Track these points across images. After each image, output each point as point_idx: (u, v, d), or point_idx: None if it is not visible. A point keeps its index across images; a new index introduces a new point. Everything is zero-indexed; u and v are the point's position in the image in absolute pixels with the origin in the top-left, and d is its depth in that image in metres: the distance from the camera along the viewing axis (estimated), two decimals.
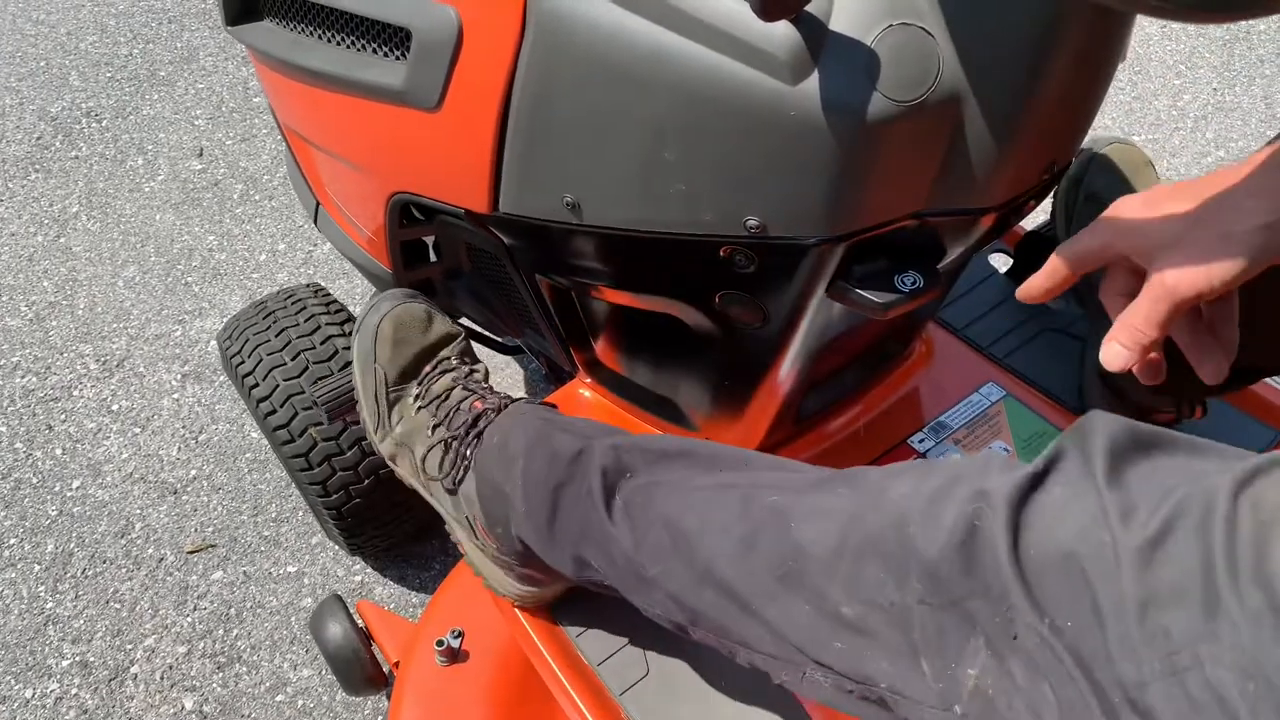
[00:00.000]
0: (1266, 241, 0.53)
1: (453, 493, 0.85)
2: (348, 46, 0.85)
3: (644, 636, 0.89)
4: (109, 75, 2.33)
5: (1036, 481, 0.51)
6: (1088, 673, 0.46)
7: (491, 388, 0.90)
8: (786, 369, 0.84)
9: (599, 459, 0.73)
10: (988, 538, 0.50)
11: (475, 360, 0.94)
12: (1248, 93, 2.27)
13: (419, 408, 0.88)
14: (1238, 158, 2.06)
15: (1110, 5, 0.43)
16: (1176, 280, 0.55)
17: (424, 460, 0.86)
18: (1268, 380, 1.07)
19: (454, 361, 0.91)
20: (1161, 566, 0.44)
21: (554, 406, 0.87)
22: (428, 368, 0.91)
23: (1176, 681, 0.42)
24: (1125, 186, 1.10)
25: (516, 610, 0.91)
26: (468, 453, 0.83)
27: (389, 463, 0.93)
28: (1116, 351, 0.60)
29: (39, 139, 2.17)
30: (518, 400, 0.88)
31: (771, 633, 0.60)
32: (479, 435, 0.83)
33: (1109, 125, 2.17)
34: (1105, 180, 1.11)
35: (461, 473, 0.83)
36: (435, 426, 0.86)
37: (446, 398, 0.87)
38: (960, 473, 0.55)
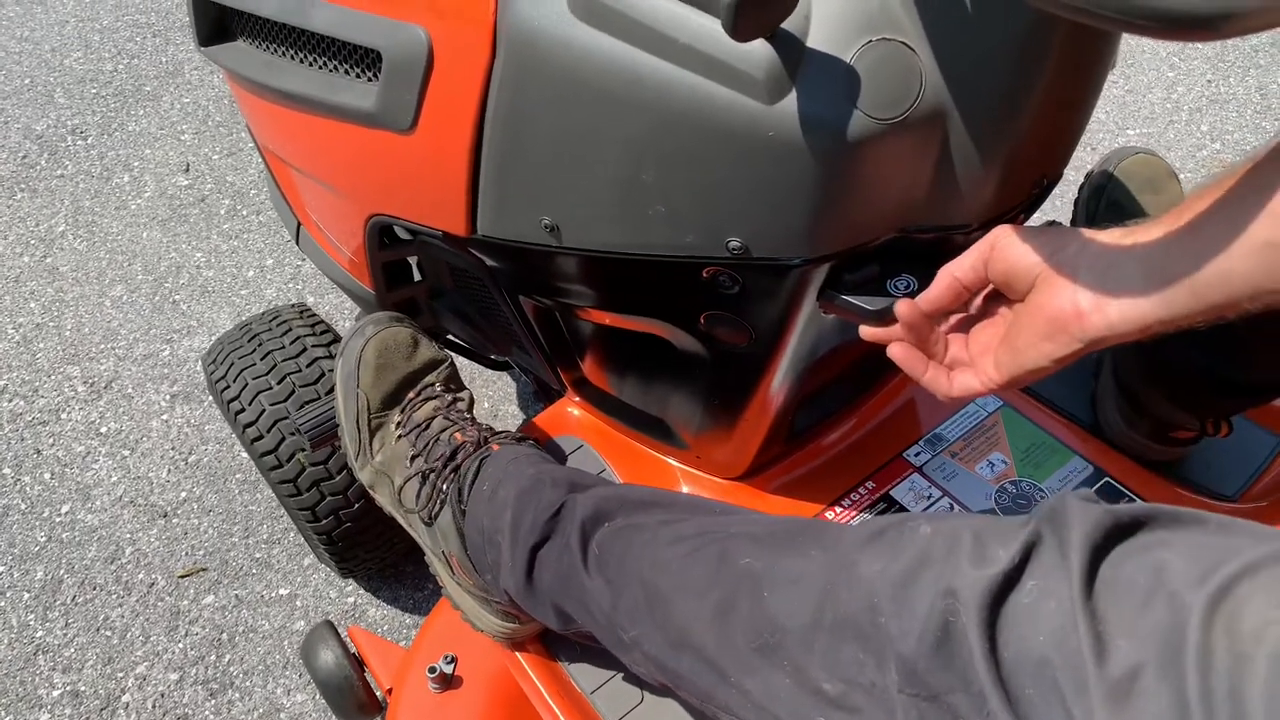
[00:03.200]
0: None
1: (429, 525, 0.83)
2: (319, 68, 0.83)
3: None
4: (94, 91, 2.32)
5: (1010, 582, 0.49)
6: None
7: (473, 419, 0.88)
8: (776, 387, 0.83)
9: (579, 511, 0.73)
10: (962, 638, 0.49)
11: (460, 387, 0.92)
12: (1242, 84, 2.25)
13: (399, 435, 0.86)
14: (1233, 149, 2.04)
15: (1095, 25, 0.41)
16: (1098, 315, 0.52)
17: (401, 491, 0.85)
18: None
19: (438, 388, 0.89)
20: (1134, 708, 0.42)
21: (538, 444, 0.85)
22: (411, 394, 0.89)
23: None
24: (1147, 198, 1.09)
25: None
26: (444, 487, 0.82)
27: (369, 490, 0.91)
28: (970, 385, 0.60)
29: (24, 158, 2.15)
30: (501, 434, 0.86)
31: (753, 703, 0.59)
32: (456, 469, 0.82)
33: (1103, 120, 2.15)
34: (1128, 191, 1.09)
35: (438, 506, 0.82)
36: (414, 457, 0.84)
37: (427, 427, 0.86)
38: (929, 554, 0.53)
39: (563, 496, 0.75)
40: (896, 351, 0.63)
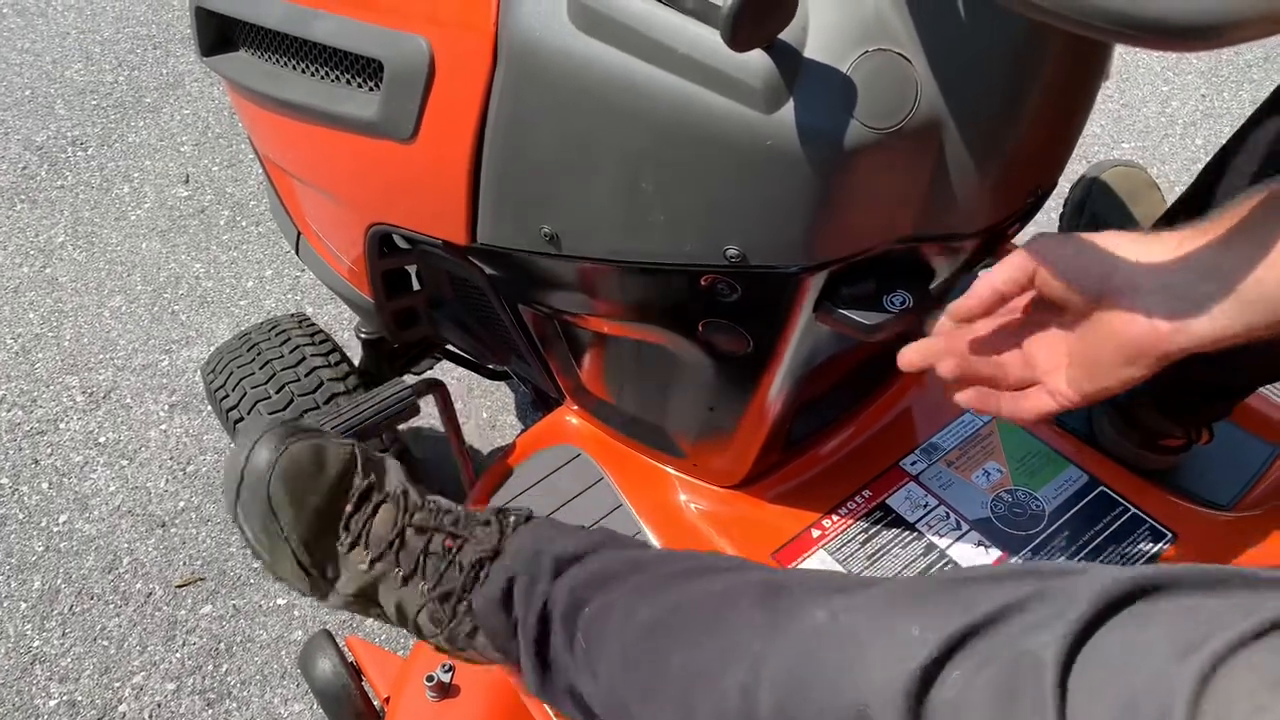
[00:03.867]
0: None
1: (451, 647, 0.77)
2: (321, 78, 0.83)
3: None
4: (94, 103, 2.33)
5: (930, 676, 0.45)
6: None
7: (435, 502, 0.79)
8: (774, 395, 0.83)
9: (559, 606, 0.70)
10: None
11: (383, 466, 0.81)
12: (1236, 98, 2.27)
13: (371, 560, 0.76)
14: None
15: (1088, 35, 0.42)
16: (1172, 330, 0.50)
17: (412, 621, 0.77)
18: (1268, 396, 1.06)
19: (375, 491, 0.78)
20: None
21: (519, 515, 0.79)
22: (348, 507, 0.77)
23: None
24: (1128, 209, 1.10)
25: None
26: (462, 608, 0.75)
27: (348, 611, 0.82)
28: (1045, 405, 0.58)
29: (24, 169, 2.16)
30: (484, 520, 0.78)
31: None
32: (467, 587, 0.75)
33: (1098, 134, 2.17)
34: (1108, 203, 1.10)
35: (468, 625, 0.75)
36: (407, 578, 0.76)
37: (402, 542, 0.76)
38: (821, 652, 0.52)
39: (549, 587, 0.71)
40: (966, 397, 0.62)
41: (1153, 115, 2.22)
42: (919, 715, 0.45)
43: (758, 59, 0.56)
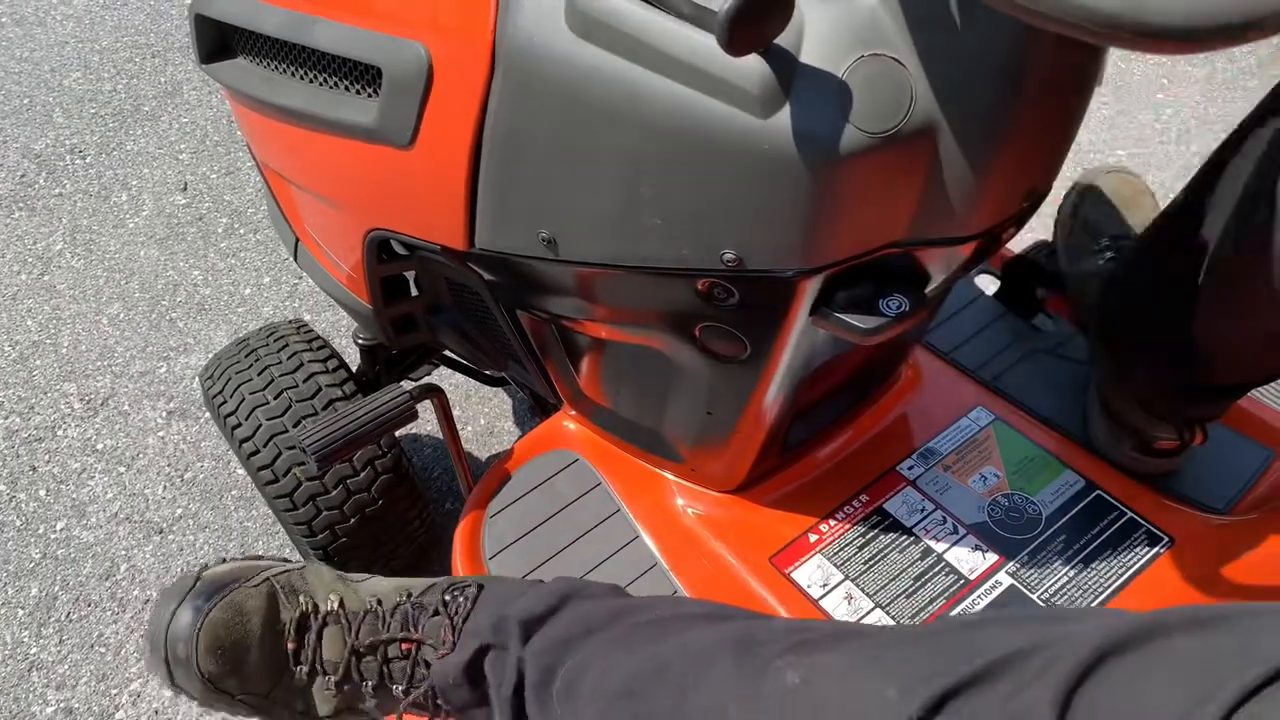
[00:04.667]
0: None
1: None
2: (320, 84, 0.84)
3: None
4: (93, 111, 2.33)
5: None
6: None
7: (375, 605, 0.76)
8: (771, 399, 0.83)
9: (531, 674, 0.69)
10: None
11: (303, 577, 0.78)
12: (1231, 105, 2.28)
13: (337, 683, 0.74)
14: None
15: (1079, 38, 0.42)
16: None
17: (402, 716, 0.76)
18: (1262, 400, 1.06)
19: (312, 617, 0.75)
20: None
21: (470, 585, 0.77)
22: (289, 645, 0.74)
23: None
24: (1122, 215, 1.10)
25: None
26: (447, 708, 0.74)
27: None
28: None
29: (23, 176, 2.16)
30: (413, 600, 0.76)
31: None
32: (445, 692, 0.74)
33: (1093, 140, 2.18)
34: (1102, 210, 1.11)
35: (448, 716, 0.75)
36: (377, 688, 0.74)
37: (357, 660, 0.74)
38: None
39: (520, 653, 0.70)
40: None
41: (1148, 122, 2.23)
42: None
43: (753, 64, 0.56)
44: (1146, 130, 2.20)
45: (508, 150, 0.69)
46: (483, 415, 1.67)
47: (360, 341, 1.25)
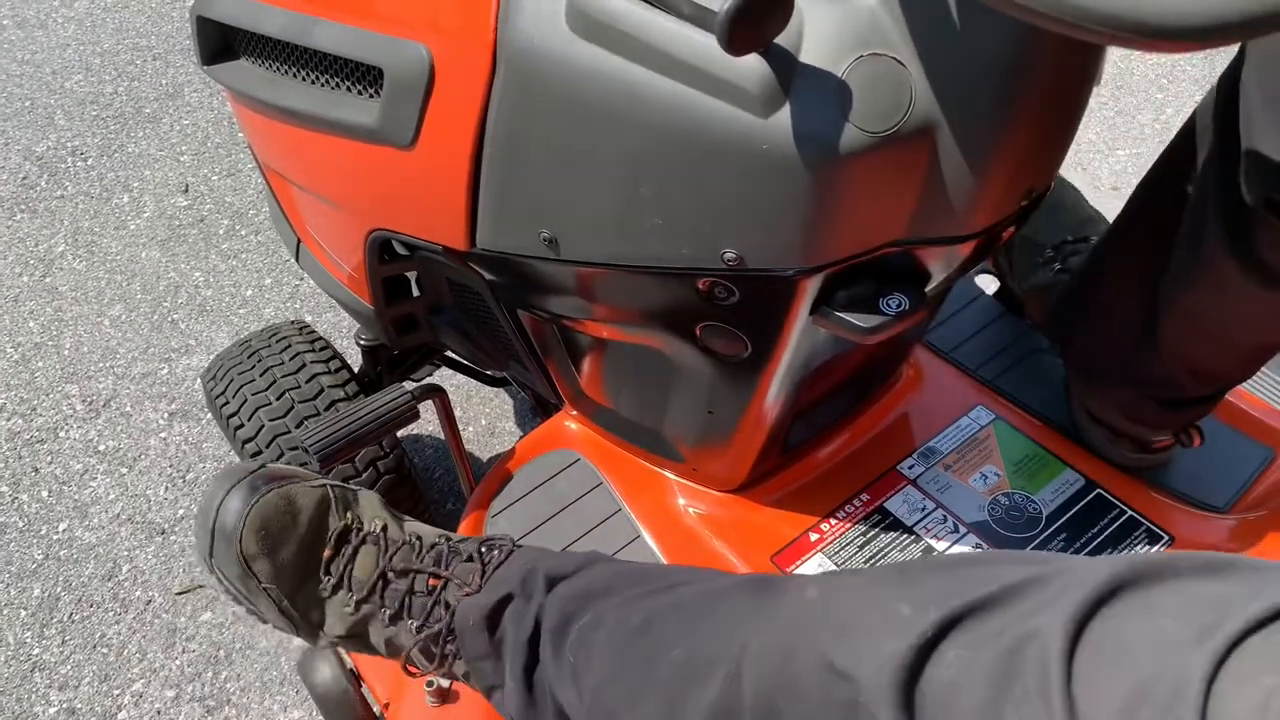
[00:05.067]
0: None
1: (442, 678, 0.77)
2: (322, 85, 0.84)
3: None
4: (94, 113, 2.33)
5: (923, 656, 0.45)
6: None
7: (416, 539, 0.78)
8: (771, 398, 0.84)
9: (548, 621, 0.69)
10: None
11: (357, 499, 0.81)
12: None
13: (356, 601, 0.76)
14: None
15: (1074, 35, 0.43)
16: None
17: (406, 659, 0.77)
18: (1263, 397, 1.06)
19: (354, 532, 0.77)
20: None
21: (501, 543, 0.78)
22: (326, 551, 0.76)
23: None
24: (1059, 221, 1.10)
25: None
26: (450, 649, 0.75)
27: (340, 650, 0.81)
28: None
29: (24, 179, 2.16)
30: (463, 550, 0.77)
31: None
32: (452, 629, 0.75)
33: (1093, 140, 2.18)
34: (1038, 220, 1.10)
35: (462, 667, 0.75)
36: (394, 617, 0.75)
37: (384, 583, 0.75)
38: (807, 620, 0.51)
39: (542, 601, 0.70)
40: None
41: (1148, 123, 2.23)
42: (911, 695, 0.44)
43: (754, 63, 0.56)
44: (1146, 130, 2.21)
45: (509, 150, 0.70)
46: (484, 416, 1.67)
47: (362, 342, 1.26)
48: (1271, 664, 0.37)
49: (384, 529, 0.78)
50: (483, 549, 0.77)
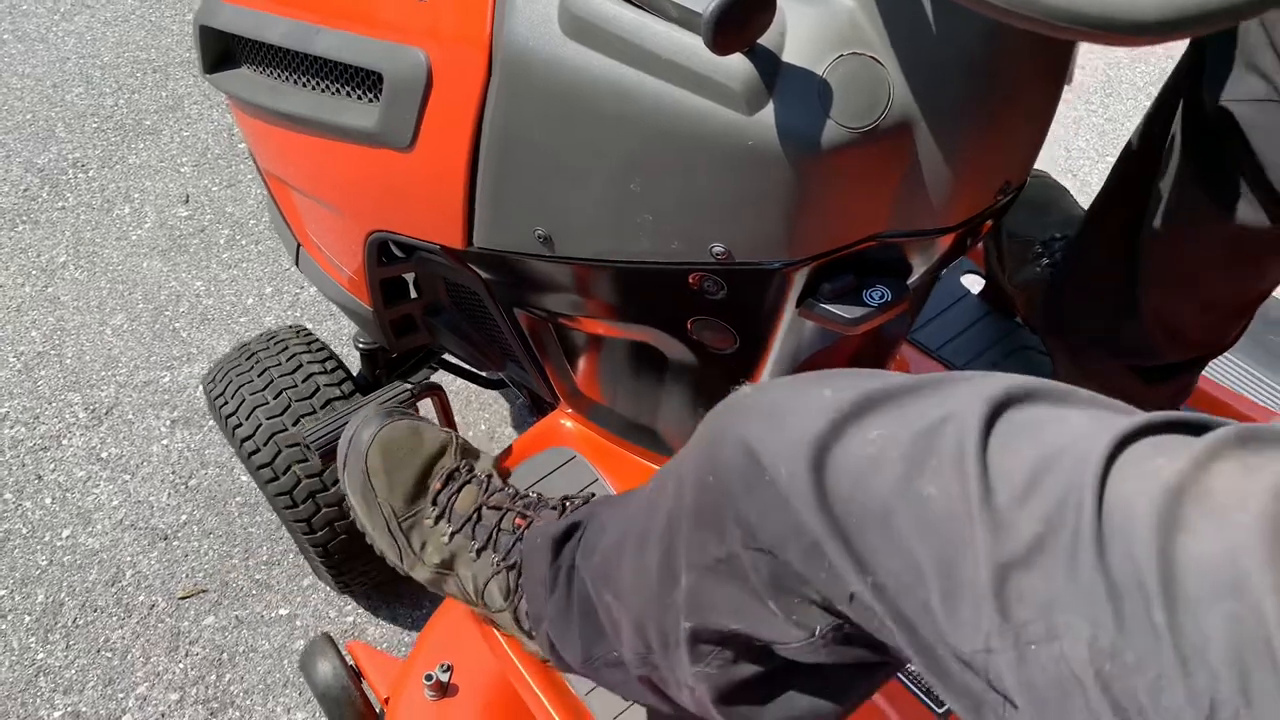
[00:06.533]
0: None
1: (518, 623, 0.82)
2: (322, 91, 0.87)
3: None
4: (95, 126, 2.36)
5: (837, 429, 0.48)
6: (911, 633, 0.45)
7: (515, 490, 0.86)
8: None
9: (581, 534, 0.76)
10: (773, 486, 0.49)
11: (476, 454, 0.90)
12: None
13: (451, 533, 0.84)
14: None
15: (1038, 30, 0.45)
16: None
17: (483, 592, 0.83)
18: (1250, 396, 1.09)
19: (463, 472, 0.86)
20: (1021, 525, 0.41)
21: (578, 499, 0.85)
22: (436, 484, 0.86)
23: (1025, 653, 0.40)
24: (1045, 219, 1.12)
25: (504, 644, 0.92)
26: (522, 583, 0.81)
27: (431, 588, 0.88)
28: None
29: (26, 190, 2.19)
30: (550, 502, 0.84)
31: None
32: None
33: (1083, 148, 2.21)
34: (1024, 219, 1.13)
35: (521, 598, 0.81)
36: (480, 550, 0.82)
37: (479, 518, 0.84)
38: (742, 407, 0.55)
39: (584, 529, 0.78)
40: None
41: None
42: (823, 469, 0.47)
43: (738, 63, 0.59)
44: None
45: (505, 150, 0.72)
46: (483, 421, 1.69)
47: (361, 346, 1.28)
48: (1165, 452, 0.41)
49: (489, 477, 0.87)
50: (567, 501, 0.85)
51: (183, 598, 1.45)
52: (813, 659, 0.55)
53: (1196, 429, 0.42)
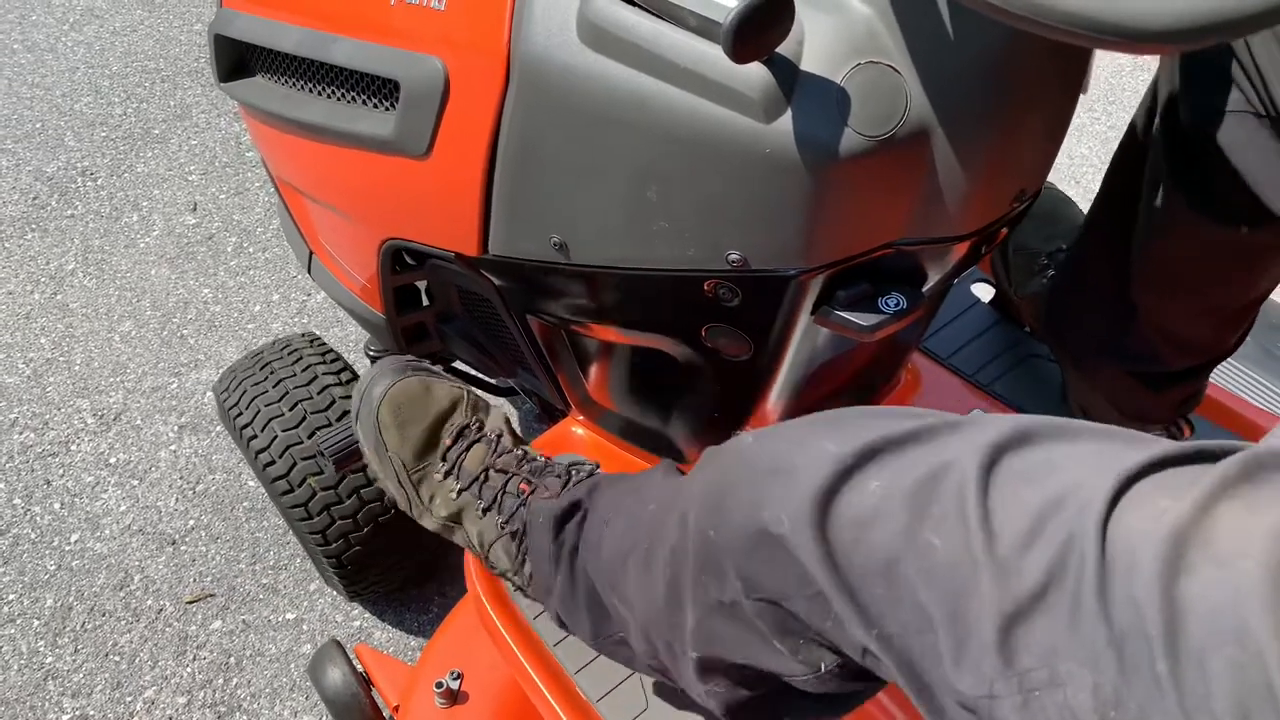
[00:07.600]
0: None
1: (525, 589, 0.84)
2: (338, 99, 0.87)
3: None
4: (104, 135, 2.37)
5: (841, 480, 0.49)
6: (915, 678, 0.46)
7: (524, 452, 0.87)
8: (774, 400, 0.86)
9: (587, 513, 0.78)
10: (782, 543, 0.49)
11: (487, 409, 0.91)
12: None
13: (459, 490, 0.85)
14: None
15: (1052, 37, 0.45)
16: None
17: (489, 553, 0.85)
18: (1248, 399, 1.09)
19: (473, 430, 0.87)
20: (1024, 573, 0.42)
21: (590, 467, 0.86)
22: (447, 440, 0.87)
23: (1029, 700, 0.41)
24: (1050, 230, 1.13)
25: (515, 649, 0.92)
26: (527, 548, 0.82)
27: (441, 535, 0.89)
28: None
29: (35, 199, 2.20)
30: (557, 467, 0.86)
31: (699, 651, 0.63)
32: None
33: (1086, 155, 2.21)
34: (1028, 227, 1.13)
35: (525, 561, 0.82)
36: (486, 510, 0.84)
37: (485, 478, 0.84)
38: (746, 464, 0.56)
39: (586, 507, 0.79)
40: None
41: None
42: (826, 519, 0.48)
43: (757, 71, 0.59)
44: None
45: (521, 158, 0.72)
46: None
47: (371, 353, 1.28)
48: (1169, 492, 0.41)
49: (499, 437, 0.87)
50: (572, 470, 0.85)
51: (190, 602, 1.45)
52: (820, 690, 0.56)
53: (1203, 458, 0.42)
